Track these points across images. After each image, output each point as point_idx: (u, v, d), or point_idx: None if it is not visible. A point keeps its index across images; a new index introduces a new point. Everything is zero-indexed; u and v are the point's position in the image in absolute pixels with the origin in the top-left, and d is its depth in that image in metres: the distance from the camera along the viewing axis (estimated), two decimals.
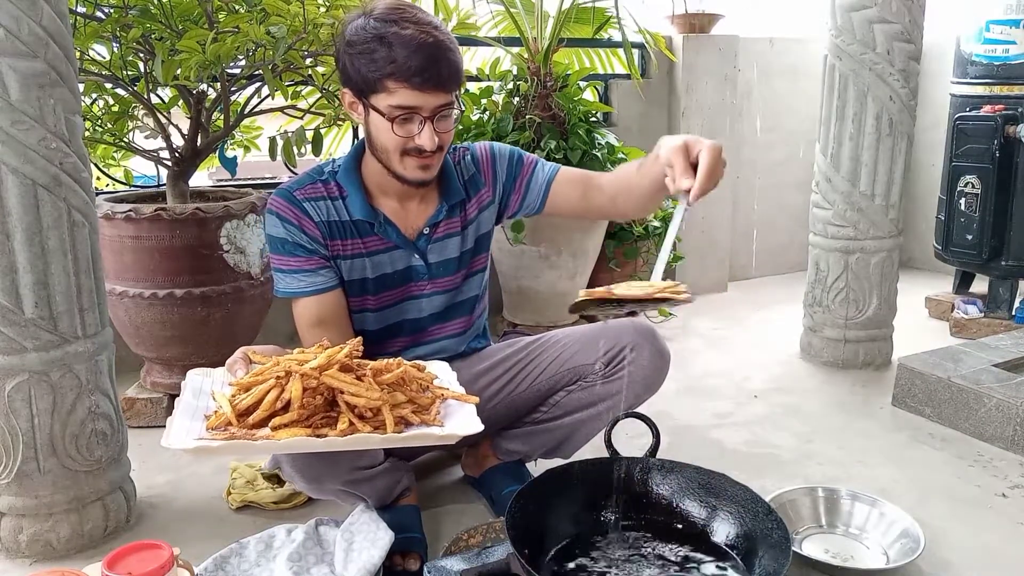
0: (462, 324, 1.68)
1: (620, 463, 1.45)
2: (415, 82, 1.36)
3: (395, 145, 1.42)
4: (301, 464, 1.42)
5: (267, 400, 1.18)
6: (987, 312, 2.94)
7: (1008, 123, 2.69)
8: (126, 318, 2.12)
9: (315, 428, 1.18)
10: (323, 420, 1.19)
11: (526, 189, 1.64)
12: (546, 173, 1.63)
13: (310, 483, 1.48)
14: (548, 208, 1.64)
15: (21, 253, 1.43)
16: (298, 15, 1.89)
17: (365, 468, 1.50)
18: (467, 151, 1.65)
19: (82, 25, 1.96)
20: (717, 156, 1.28)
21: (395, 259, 1.56)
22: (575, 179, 1.62)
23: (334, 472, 1.45)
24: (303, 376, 1.18)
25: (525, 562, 1.18)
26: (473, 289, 1.68)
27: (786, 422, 2.21)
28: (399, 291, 1.59)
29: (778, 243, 3.90)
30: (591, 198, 1.60)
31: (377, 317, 1.60)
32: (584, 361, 1.58)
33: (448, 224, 1.60)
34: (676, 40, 3.38)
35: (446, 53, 1.38)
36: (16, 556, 1.56)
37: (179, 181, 2.21)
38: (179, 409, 1.23)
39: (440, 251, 1.60)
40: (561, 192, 1.62)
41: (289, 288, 1.51)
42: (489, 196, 1.64)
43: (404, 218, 1.57)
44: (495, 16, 3.25)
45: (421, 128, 1.40)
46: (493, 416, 1.67)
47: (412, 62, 1.34)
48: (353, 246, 1.53)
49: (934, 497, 1.79)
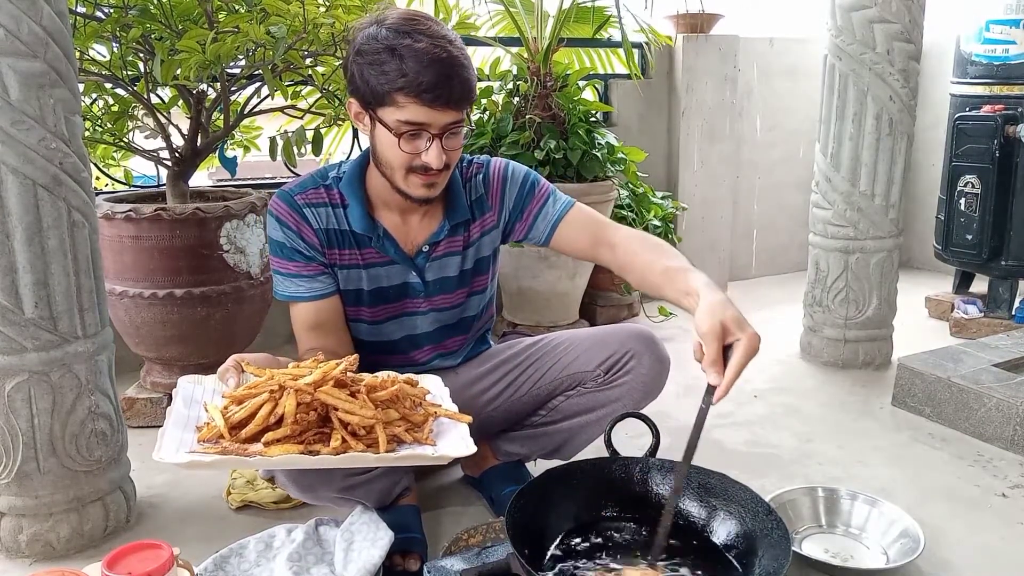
0: (459, 342, 1.67)
1: (620, 463, 1.45)
2: (426, 98, 1.31)
3: (401, 161, 1.38)
4: (295, 475, 1.43)
5: (260, 414, 1.17)
6: (987, 312, 2.94)
7: (1008, 123, 2.69)
8: (126, 318, 2.12)
9: (308, 444, 1.18)
10: (316, 436, 1.19)
11: (533, 221, 1.58)
12: (557, 209, 1.57)
13: (304, 491, 1.49)
14: (553, 245, 1.58)
15: (21, 253, 1.43)
16: (298, 15, 1.89)
17: (359, 475, 1.49)
18: (481, 168, 1.59)
19: (82, 25, 1.96)
20: (752, 353, 1.18)
21: (392, 274, 1.54)
22: (587, 224, 1.55)
23: (327, 482, 1.46)
24: (297, 392, 1.18)
25: (525, 562, 1.18)
26: (472, 309, 1.65)
27: (786, 422, 2.21)
28: (395, 306, 1.57)
29: (778, 243, 3.91)
30: (599, 252, 1.54)
31: (371, 330, 1.58)
32: (584, 367, 1.57)
33: (449, 243, 1.56)
34: (676, 40, 3.38)
35: (459, 70, 1.33)
36: (16, 556, 1.56)
37: (179, 181, 2.21)
38: (170, 420, 1.22)
39: (438, 270, 1.57)
40: (569, 234, 1.56)
41: (287, 292, 1.51)
42: (493, 221, 1.60)
43: (405, 233, 1.53)
44: (495, 16, 3.25)
45: (429, 145, 1.36)
46: (492, 418, 1.67)
47: (424, 77, 1.30)
48: (351, 256, 1.51)
49: (934, 497, 1.79)
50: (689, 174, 3.48)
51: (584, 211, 1.58)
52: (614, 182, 2.83)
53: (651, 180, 3.34)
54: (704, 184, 3.51)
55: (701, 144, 3.47)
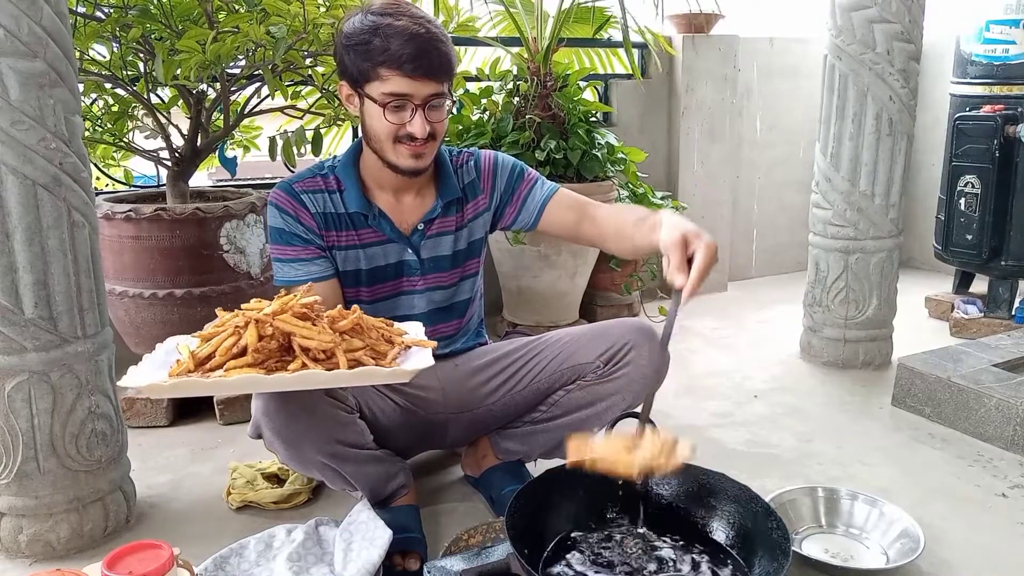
0: (453, 327, 1.71)
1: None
2: (407, 69, 1.42)
3: (387, 132, 1.48)
4: (279, 424, 1.40)
5: (223, 346, 1.22)
6: (987, 312, 2.94)
7: (1008, 123, 2.69)
8: (126, 318, 2.13)
9: (269, 371, 1.21)
10: (277, 364, 1.23)
11: (522, 204, 1.68)
12: (544, 191, 1.67)
13: (288, 448, 1.44)
14: (541, 227, 1.68)
15: (21, 253, 1.43)
16: (298, 15, 1.90)
17: (351, 445, 1.48)
18: (471, 156, 1.69)
19: (82, 25, 1.96)
20: (712, 256, 1.27)
21: (388, 252, 1.61)
22: (572, 204, 1.65)
23: (313, 437, 1.43)
24: (258, 322, 1.22)
25: (525, 562, 1.18)
26: (465, 292, 1.71)
27: (786, 422, 2.21)
28: (392, 284, 1.63)
29: (778, 243, 3.91)
30: (584, 228, 1.64)
31: (370, 310, 1.59)
32: (583, 360, 1.59)
33: (443, 222, 1.64)
34: (676, 40, 3.38)
35: (437, 44, 1.44)
36: (16, 556, 1.56)
37: (179, 181, 2.21)
38: (146, 359, 1.29)
39: (433, 248, 1.64)
40: (556, 213, 1.65)
41: (287, 276, 1.56)
42: (485, 204, 1.69)
43: (399, 213, 1.61)
44: (495, 16, 3.25)
45: (413, 116, 1.46)
46: (492, 413, 1.68)
47: (404, 50, 1.41)
48: (348, 237, 1.58)
49: (934, 497, 1.79)
50: (689, 174, 3.48)
51: (570, 193, 1.68)
52: (614, 182, 2.83)
53: (651, 180, 3.34)
54: (704, 184, 3.51)
55: (701, 144, 3.47)
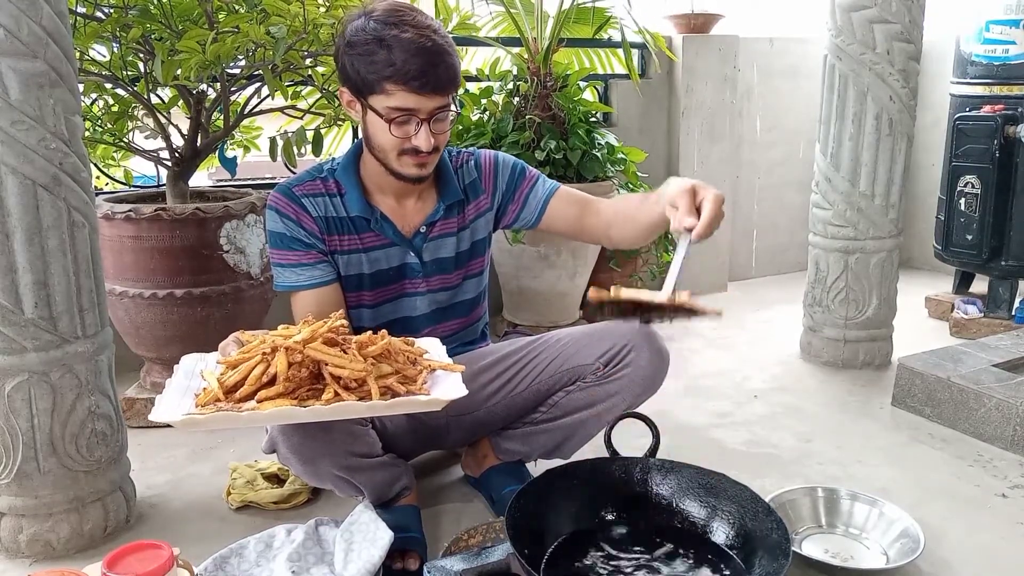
0: (457, 326, 1.70)
1: (620, 463, 1.45)
2: (413, 85, 1.38)
3: (392, 145, 1.45)
4: (296, 442, 1.42)
5: (253, 375, 1.20)
6: (987, 312, 2.94)
7: (1008, 123, 2.69)
8: (126, 318, 2.13)
9: (301, 400, 1.20)
10: (309, 392, 1.21)
11: (524, 202, 1.67)
12: (546, 189, 1.66)
13: (305, 464, 1.46)
14: (543, 224, 1.67)
15: (21, 253, 1.43)
16: (298, 15, 1.90)
17: (363, 456, 1.50)
18: (471, 157, 1.68)
19: (82, 25, 1.96)
20: (720, 205, 1.29)
21: (391, 256, 1.59)
22: (574, 199, 1.64)
23: (330, 452, 1.45)
24: (288, 350, 1.20)
25: (525, 562, 1.18)
26: (470, 292, 1.70)
27: (786, 422, 2.21)
28: (394, 288, 1.62)
29: (778, 243, 3.91)
30: (587, 221, 1.63)
31: (373, 314, 1.61)
32: (583, 361, 1.58)
33: (445, 224, 1.62)
34: (676, 40, 3.38)
35: (444, 57, 1.40)
36: (16, 556, 1.56)
37: (179, 181, 2.21)
38: (170, 388, 1.26)
39: (435, 250, 1.62)
40: (558, 210, 1.64)
41: (287, 281, 1.54)
42: (487, 203, 1.67)
43: (401, 216, 1.60)
44: (495, 16, 3.25)
45: (418, 129, 1.43)
46: (493, 414, 1.68)
47: (410, 66, 1.37)
48: (350, 242, 1.56)
49: (934, 497, 1.79)
50: (689, 174, 3.45)
51: (571, 190, 1.67)
52: (614, 182, 2.83)
53: (651, 180, 3.33)
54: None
55: (701, 144, 3.47)
